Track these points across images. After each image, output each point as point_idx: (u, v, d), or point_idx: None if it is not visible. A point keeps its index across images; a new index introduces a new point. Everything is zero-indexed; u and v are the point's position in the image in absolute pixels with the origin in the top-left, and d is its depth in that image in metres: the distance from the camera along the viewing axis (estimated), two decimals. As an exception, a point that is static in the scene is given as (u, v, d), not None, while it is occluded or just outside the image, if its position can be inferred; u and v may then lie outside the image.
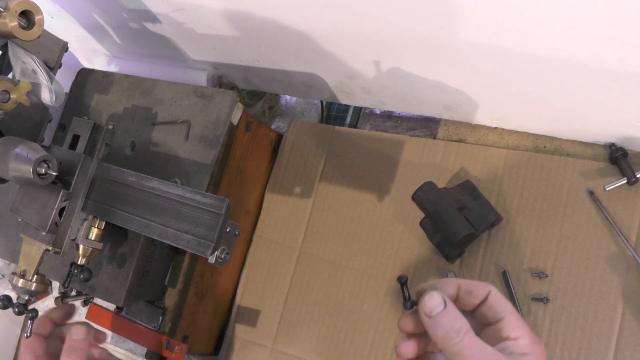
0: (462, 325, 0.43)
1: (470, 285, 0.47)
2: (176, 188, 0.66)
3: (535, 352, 0.44)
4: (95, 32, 1.07)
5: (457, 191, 0.80)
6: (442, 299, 0.44)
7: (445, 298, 0.45)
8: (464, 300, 0.48)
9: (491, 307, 0.46)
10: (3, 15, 0.68)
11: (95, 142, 0.73)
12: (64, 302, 0.80)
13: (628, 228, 0.72)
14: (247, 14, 0.79)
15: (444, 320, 0.44)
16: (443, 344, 0.44)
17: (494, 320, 0.46)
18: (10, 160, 0.65)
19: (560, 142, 0.81)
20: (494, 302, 0.46)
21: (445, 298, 0.45)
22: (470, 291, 0.47)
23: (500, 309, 0.46)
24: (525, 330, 0.45)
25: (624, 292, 0.71)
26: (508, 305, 0.46)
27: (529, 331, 0.45)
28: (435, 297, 0.45)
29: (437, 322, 0.44)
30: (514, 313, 0.46)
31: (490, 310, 0.46)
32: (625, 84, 0.61)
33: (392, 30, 0.69)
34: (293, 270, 0.92)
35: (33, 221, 0.69)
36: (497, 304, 0.46)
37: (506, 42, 0.62)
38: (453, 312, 0.44)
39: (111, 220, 0.70)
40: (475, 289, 0.47)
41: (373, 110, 0.99)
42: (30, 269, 0.69)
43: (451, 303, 0.45)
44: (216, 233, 0.61)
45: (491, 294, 0.47)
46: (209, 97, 0.84)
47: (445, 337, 0.43)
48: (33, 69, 0.77)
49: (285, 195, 0.97)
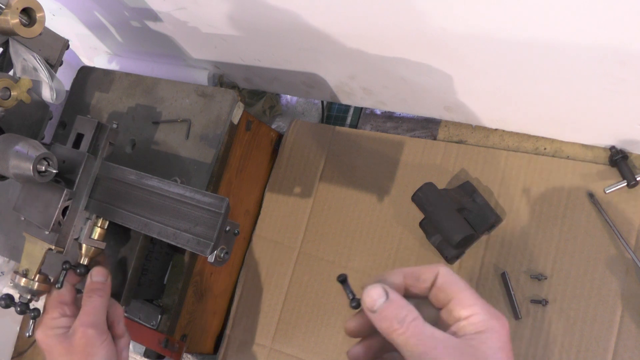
0: (407, 314, 0.41)
1: (416, 271, 0.45)
2: (176, 187, 0.66)
3: (492, 327, 0.41)
4: (97, 30, 1.07)
5: (456, 192, 0.80)
6: (382, 290, 0.42)
7: (387, 289, 0.42)
8: (415, 287, 0.45)
9: (441, 288, 0.44)
10: (4, 12, 0.68)
11: (98, 141, 0.73)
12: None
13: (628, 231, 0.72)
14: (249, 14, 0.79)
15: (387, 312, 0.42)
16: (389, 336, 0.42)
17: (446, 301, 0.43)
18: (10, 158, 0.64)
19: (561, 144, 0.81)
20: (443, 282, 0.44)
21: (387, 289, 0.42)
22: (417, 276, 0.45)
23: (450, 289, 0.43)
24: (478, 306, 0.42)
25: (623, 294, 0.71)
26: (459, 283, 0.43)
27: (484, 306, 0.42)
28: (375, 289, 0.42)
29: (380, 315, 0.42)
30: (465, 290, 0.43)
31: (441, 292, 0.44)
32: (625, 86, 0.61)
33: (393, 31, 0.69)
34: (292, 270, 0.92)
35: (36, 220, 0.69)
36: (447, 284, 0.43)
37: (508, 43, 0.62)
38: (397, 301, 0.42)
39: (112, 218, 0.70)
40: (422, 273, 0.45)
41: (374, 111, 0.99)
42: (33, 268, 0.69)
43: (395, 293, 0.42)
44: (216, 232, 0.61)
45: (440, 275, 0.44)
46: (210, 96, 0.84)
47: (390, 328, 0.41)
48: (34, 66, 0.77)
49: (285, 195, 0.97)
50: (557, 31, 0.57)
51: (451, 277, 0.44)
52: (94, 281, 0.69)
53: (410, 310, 0.42)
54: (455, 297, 0.43)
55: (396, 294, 0.43)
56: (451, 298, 0.43)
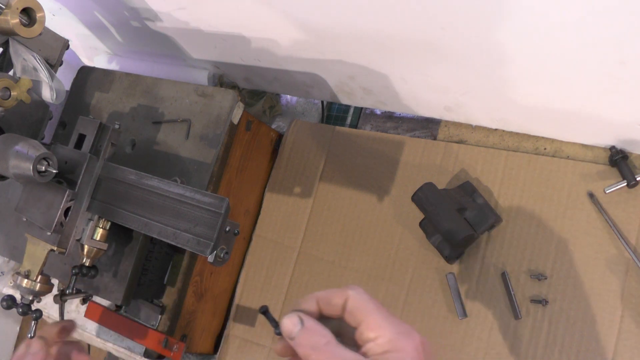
0: (320, 340, 0.44)
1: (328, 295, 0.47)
2: (176, 187, 0.66)
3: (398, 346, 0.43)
4: (97, 30, 1.07)
5: (457, 192, 0.80)
6: (297, 319, 0.45)
7: (303, 316, 0.45)
8: (328, 311, 0.47)
9: (351, 312, 0.46)
10: (4, 12, 0.68)
11: (101, 142, 0.73)
12: (63, 300, 0.79)
13: (628, 231, 0.72)
14: (249, 13, 0.79)
15: (302, 339, 0.44)
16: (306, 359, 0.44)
17: (356, 324, 0.45)
18: (10, 158, 0.64)
19: (561, 144, 0.81)
20: (352, 306, 0.46)
21: (303, 316, 0.45)
22: (328, 301, 0.47)
23: (358, 313, 0.45)
24: (384, 328, 0.44)
25: (623, 294, 0.71)
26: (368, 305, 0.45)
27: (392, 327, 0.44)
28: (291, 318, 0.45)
29: (297, 342, 0.44)
30: (372, 313, 0.45)
31: (351, 315, 0.46)
32: (625, 86, 0.61)
33: (393, 31, 0.69)
34: (292, 270, 0.92)
35: (38, 221, 0.69)
36: (355, 308, 0.45)
37: (507, 43, 0.62)
38: (310, 328, 0.44)
39: (113, 219, 0.70)
40: (332, 298, 0.47)
41: (374, 111, 0.99)
42: (35, 269, 0.68)
43: (310, 320, 0.45)
44: (215, 232, 0.61)
45: (349, 299, 0.46)
46: (210, 96, 0.84)
47: (305, 355, 0.44)
48: (34, 66, 0.77)
49: (285, 195, 0.97)
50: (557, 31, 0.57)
51: (360, 300, 0.46)
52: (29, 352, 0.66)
53: (324, 335, 0.44)
54: (363, 320, 0.45)
55: (311, 320, 0.45)
56: (360, 321, 0.45)
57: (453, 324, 0.79)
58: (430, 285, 0.82)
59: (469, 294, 0.79)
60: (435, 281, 0.81)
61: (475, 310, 0.78)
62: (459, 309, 0.78)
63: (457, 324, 0.78)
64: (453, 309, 0.79)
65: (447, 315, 0.79)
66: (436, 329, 0.79)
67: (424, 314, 0.81)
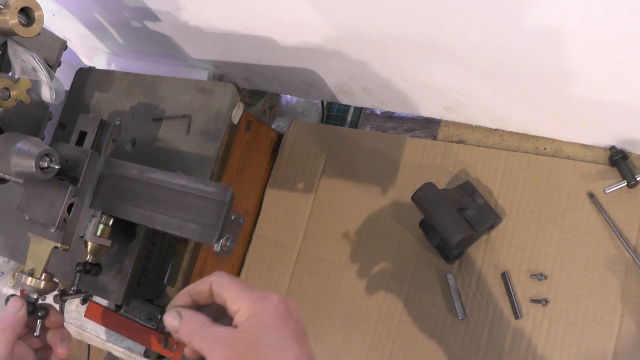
0: (195, 325, 0.48)
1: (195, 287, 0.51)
2: (179, 178, 0.65)
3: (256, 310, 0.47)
4: (96, 30, 1.07)
5: (456, 192, 0.80)
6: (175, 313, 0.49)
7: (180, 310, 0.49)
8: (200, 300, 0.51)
9: (217, 294, 0.50)
10: (3, 12, 0.68)
11: (102, 138, 0.73)
12: (63, 300, 0.79)
13: (628, 231, 0.72)
14: (249, 13, 0.79)
15: (183, 329, 0.48)
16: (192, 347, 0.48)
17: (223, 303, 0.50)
18: (12, 156, 0.64)
19: (561, 144, 0.81)
20: (215, 289, 0.50)
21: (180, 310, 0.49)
22: (197, 291, 0.51)
23: (221, 293, 0.49)
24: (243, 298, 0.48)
25: (623, 294, 0.71)
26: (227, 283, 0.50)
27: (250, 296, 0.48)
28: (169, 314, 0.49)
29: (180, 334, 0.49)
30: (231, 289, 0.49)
31: (218, 297, 0.50)
32: (625, 86, 0.61)
33: (393, 31, 0.69)
34: (292, 270, 0.92)
35: (41, 218, 0.69)
36: (218, 290, 0.50)
37: (507, 43, 0.62)
38: (187, 318, 0.49)
39: (116, 214, 0.70)
40: (200, 287, 0.51)
41: (374, 111, 0.99)
42: (39, 267, 0.68)
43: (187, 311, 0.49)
44: (221, 220, 0.61)
45: (212, 284, 0.50)
46: (210, 91, 0.84)
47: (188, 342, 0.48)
48: (33, 66, 0.77)
49: (285, 194, 0.97)
50: (557, 31, 0.57)
51: (220, 283, 0.50)
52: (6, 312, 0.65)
53: (199, 319, 0.49)
54: (227, 298, 0.49)
55: (188, 311, 0.50)
56: (225, 299, 0.49)
57: (453, 324, 0.79)
58: (430, 285, 0.82)
59: (469, 294, 0.79)
60: (435, 281, 0.81)
61: (475, 310, 0.78)
62: (459, 309, 0.78)
63: (457, 324, 0.78)
64: (453, 309, 0.79)
65: (447, 315, 0.79)
66: (436, 329, 0.79)
67: (424, 314, 0.81)
